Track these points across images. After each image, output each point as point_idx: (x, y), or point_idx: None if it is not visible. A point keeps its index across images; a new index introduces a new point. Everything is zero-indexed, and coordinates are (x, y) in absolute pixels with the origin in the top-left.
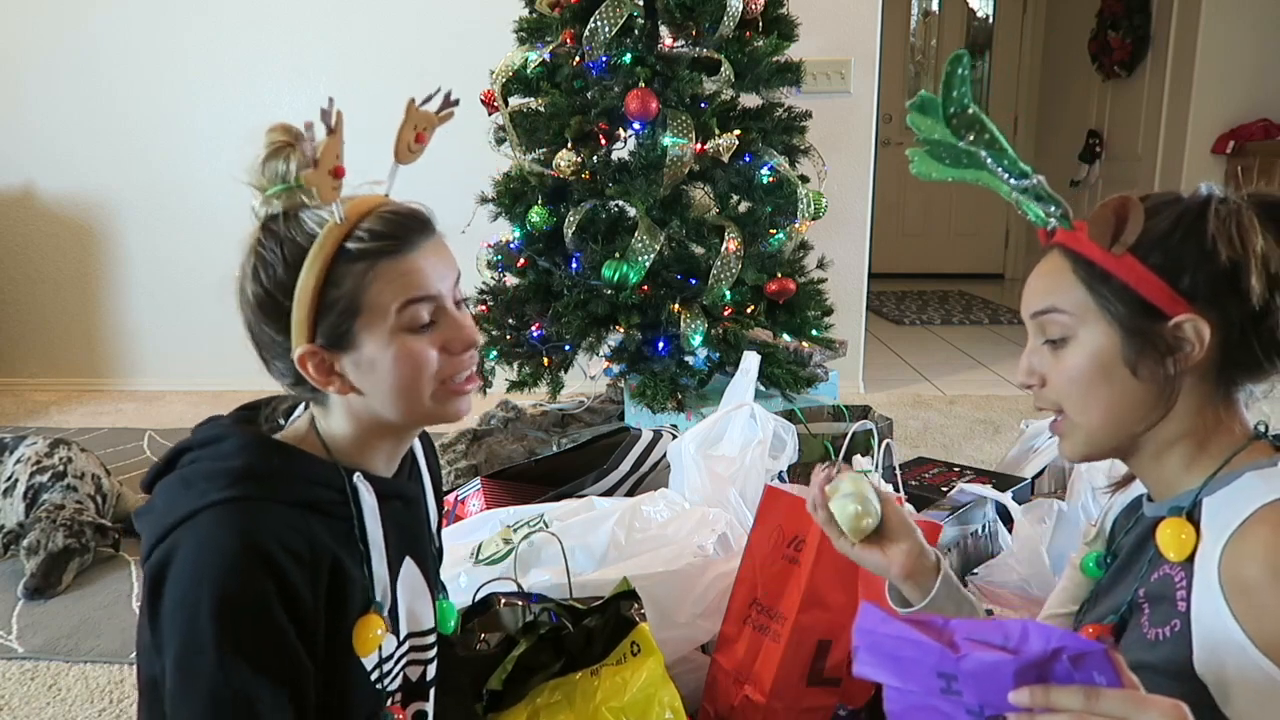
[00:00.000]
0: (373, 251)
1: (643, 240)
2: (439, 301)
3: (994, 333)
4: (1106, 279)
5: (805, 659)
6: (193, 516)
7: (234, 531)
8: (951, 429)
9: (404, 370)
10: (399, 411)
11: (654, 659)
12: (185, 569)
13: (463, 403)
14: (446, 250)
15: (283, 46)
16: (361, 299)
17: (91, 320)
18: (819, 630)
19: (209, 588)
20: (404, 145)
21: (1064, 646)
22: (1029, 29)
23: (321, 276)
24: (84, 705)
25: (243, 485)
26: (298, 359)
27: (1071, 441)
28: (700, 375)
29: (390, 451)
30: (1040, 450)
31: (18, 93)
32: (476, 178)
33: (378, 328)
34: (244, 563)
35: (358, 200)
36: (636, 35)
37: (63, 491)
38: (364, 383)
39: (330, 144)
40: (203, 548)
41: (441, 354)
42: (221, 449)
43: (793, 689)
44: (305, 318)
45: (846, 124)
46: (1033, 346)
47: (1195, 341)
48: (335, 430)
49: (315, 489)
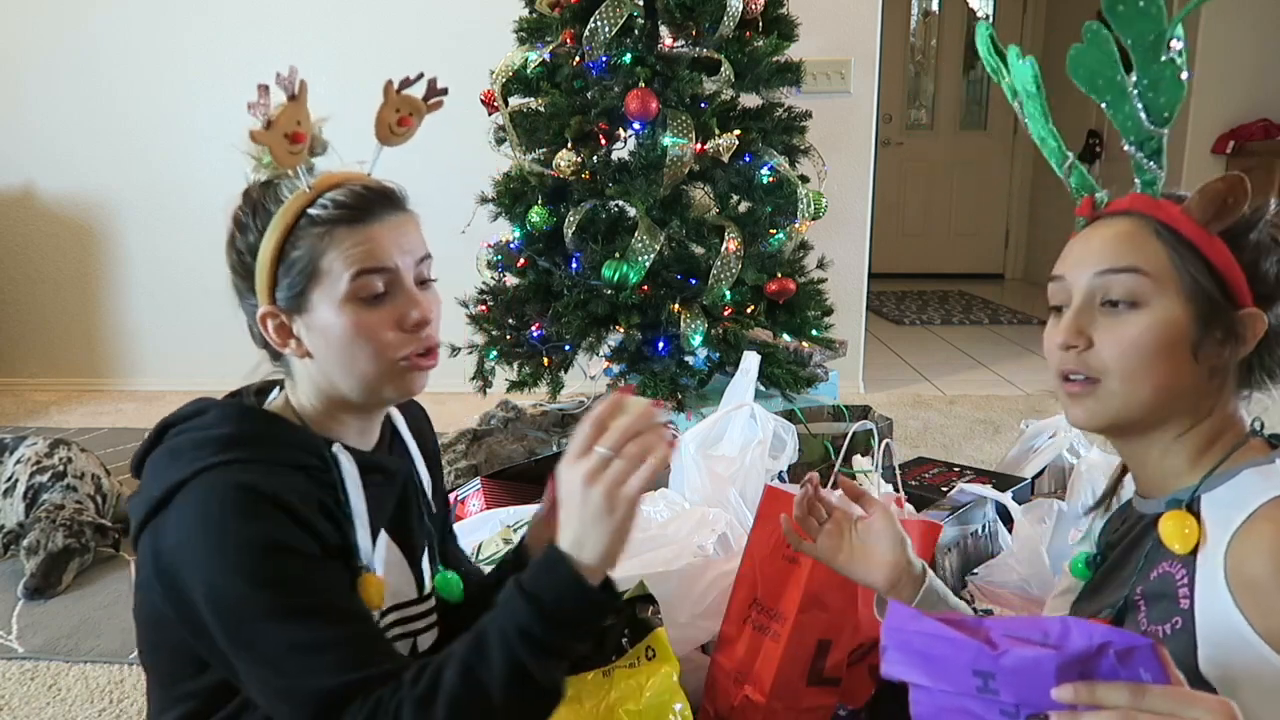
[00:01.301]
0: (332, 218)
1: (643, 240)
2: (395, 275)
3: (994, 333)
4: (1195, 254)
5: (805, 659)
6: (184, 485)
7: (231, 485)
8: (951, 429)
9: (352, 339)
10: (350, 382)
11: (670, 665)
12: (191, 529)
13: (415, 379)
14: (414, 229)
15: (283, 46)
16: (318, 263)
17: (91, 320)
18: (819, 630)
19: (222, 538)
20: (384, 126)
21: (1110, 641)
22: (1029, 29)
23: (282, 238)
24: (84, 705)
25: (232, 450)
26: (259, 318)
27: (1098, 408)
28: (700, 375)
29: (360, 426)
30: (1040, 450)
31: (18, 93)
32: (476, 178)
33: (331, 294)
34: (249, 506)
35: (334, 174)
36: (636, 35)
37: (63, 491)
38: (317, 348)
39: (288, 109)
40: (202, 504)
41: (394, 329)
42: (206, 419)
43: (793, 689)
44: (266, 279)
45: (846, 124)
46: (1082, 307)
47: (1249, 337)
48: (304, 402)
49: (300, 454)
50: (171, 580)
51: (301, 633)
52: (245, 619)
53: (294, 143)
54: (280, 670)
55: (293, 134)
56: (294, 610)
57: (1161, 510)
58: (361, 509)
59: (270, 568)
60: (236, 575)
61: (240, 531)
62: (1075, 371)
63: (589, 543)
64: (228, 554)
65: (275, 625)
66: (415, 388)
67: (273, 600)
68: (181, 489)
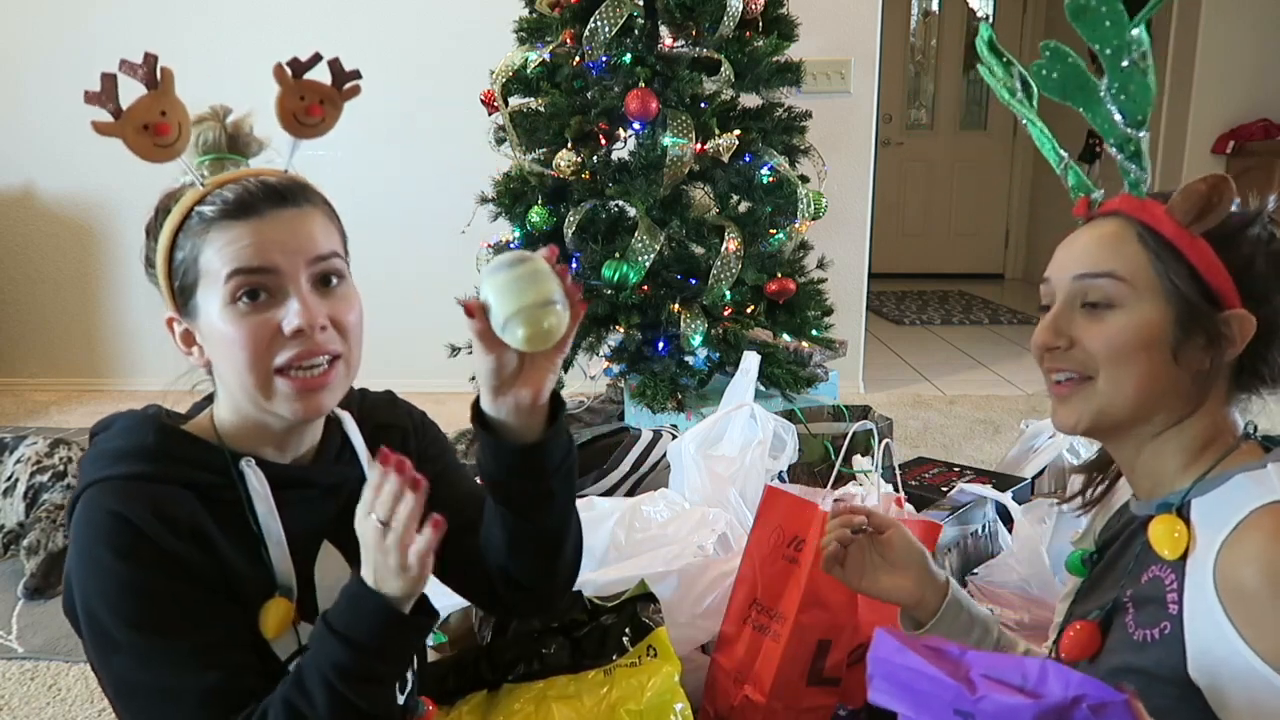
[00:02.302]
0: (212, 216)
1: (643, 240)
2: (278, 276)
3: (994, 333)
4: (1176, 257)
5: (805, 659)
6: (80, 497)
7: (106, 511)
8: (951, 429)
9: (230, 346)
10: (242, 395)
11: (671, 665)
12: (75, 548)
13: (300, 401)
14: (309, 225)
15: (283, 46)
16: (198, 264)
17: (91, 320)
18: (819, 630)
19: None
20: (289, 116)
21: (1085, 695)
22: (1029, 29)
23: (170, 238)
24: (84, 705)
25: (122, 463)
26: (165, 323)
27: (1083, 408)
28: (700, 375)
29: (278, 440)
30: (1040, 450)
31: (18, 93)
32: (476, 178)
33: (213, 296)
34: (118, 538)
35: (236, 172)
36: (636, 35)
37: (63, 491)
38: (213, 356)
39: (147, 99)
40: (82, 525)
41: (275, 335)
42: (111, 431)
43: (792, 689)
44: (164, 281)
45: (846, 124)
46: (1061, 309)
47: (1238, 339)
48: (222, 414)
49: (196, 471)
50: (71, 595)
51: (158, 678)
52: (109, 651)
53: (158, 134)
54: (134, 710)
55: (154, 125)
56: (152, 655)
57: (1152, 513)
58: (274, 527)
59: (135, 608)
60: (105, 606)
61: (110, 565)
62: (1060, 369)
63: (388, 586)
64: (100, 581)
65: (136, 666)
66: (308, 408)
67: (134, 640)
68: (79, 501)
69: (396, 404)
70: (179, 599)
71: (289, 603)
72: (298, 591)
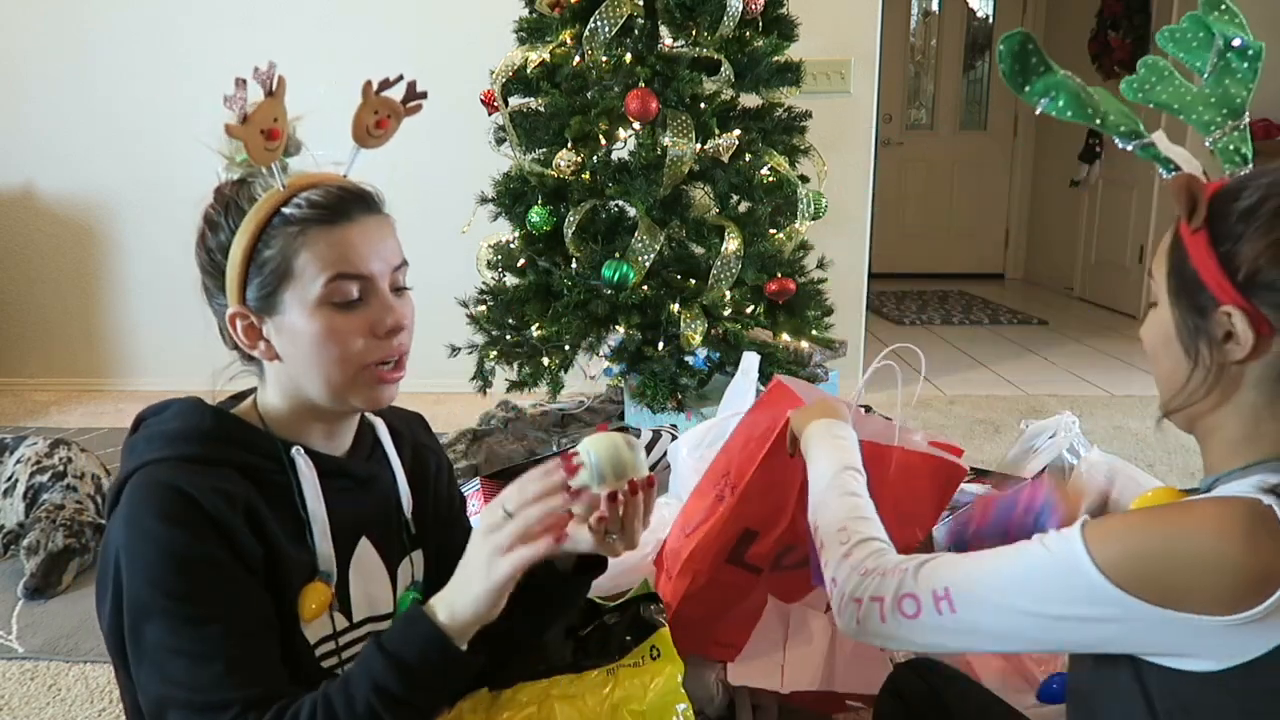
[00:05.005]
0: (306, 218)
1: (643, 240)
2: (371, 281)
3: (994, 333)
4: (1183, 255)
5: (730, 539)
6: (130, 477)
7: (161, 484)
8: (951, 429)
9: (323, 344)
10: (317, 387)
11: (674, 666)
12: (125, 528)
13: (384, 391)
14: (389, 233)
15: (283, 46)
16: (290, 264)
17: (91, 320)
18: (748, 520)
19: (143, 540)
20: (362, 128)
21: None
22: (1029, 29)
23: (254, 237)
24: (84, 705)
25: (176, 446)
26: (228, 318)
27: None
28: (700, 375)
29: (327, 430)
30: (1040, 450)
31: (18, 93)
32: (476, 178)
33: (303, 296)
34: (172, 508)
35: (309, 174)
36: (636, 35)
37: (63, 491)
38: (286, 350)
39: (266, 105)
40: (133, 503)
41: (368, 336)
42: (164, 414)
43: (712, 560)
44: (237, 278)
45: (846, 124)
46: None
47: (1242, 337)
48: (271, 404)
49: (250, 455)
50: (116, 575)
51: (193, 642)
52: (143, 617)
53: (270, 139)
54: (164, 674)
55: (269, 130)
56: (190, 619)
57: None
58: (320, 512)
59: (179, 580)
60: (146, 577)
61: (159, 534)
62: None
63: (460, 602)
64: (146, 549)
65: (169, 630)
66: (383, 399)
67: (173, 607)
68: (129, 481)
69: (430, 430)
70: (222, 572)
71: (328, 587)
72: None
